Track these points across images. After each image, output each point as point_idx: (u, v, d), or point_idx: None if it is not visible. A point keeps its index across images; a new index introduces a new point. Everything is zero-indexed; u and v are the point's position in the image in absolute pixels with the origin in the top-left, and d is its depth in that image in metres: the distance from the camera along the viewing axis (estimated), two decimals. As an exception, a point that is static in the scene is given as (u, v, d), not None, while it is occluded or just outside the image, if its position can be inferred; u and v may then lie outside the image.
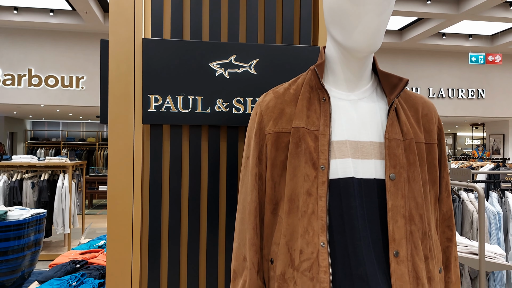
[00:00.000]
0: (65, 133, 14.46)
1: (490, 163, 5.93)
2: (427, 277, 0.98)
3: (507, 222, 3.52)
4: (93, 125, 14.75)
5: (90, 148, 13.06)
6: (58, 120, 14.48)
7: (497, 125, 12.04)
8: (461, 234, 3.37)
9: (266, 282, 1.05)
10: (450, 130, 17.52)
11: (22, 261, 4.08)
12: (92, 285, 1.72)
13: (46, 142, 13.21)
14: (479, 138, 15.51)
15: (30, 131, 14.27)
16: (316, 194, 0.95)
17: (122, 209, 1.52)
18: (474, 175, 4.27)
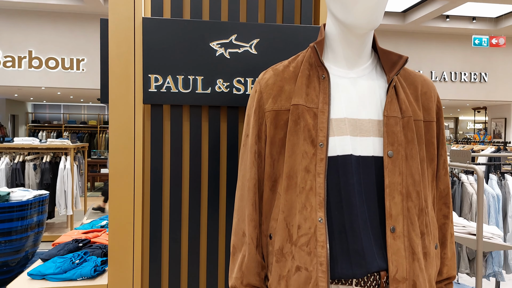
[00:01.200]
0: (66, 116, 14.45)
1: (491, 147, 5.93)
2: (423, 252, 0.99)
3: (506, 205, 3.54)
4: (94, 108, 14.74)
5: (91, 131, 13.07)
6: (59, 103, 14.47)
7: (499, 109, 11.99)
8: (460, 216, 3.39)
9: (264, 257, 1.07)
10: (452, 114, 17.46)
11: (26, 241, 4.13)
12: (95, 263, 1.74)
13: (48, 125, 13.21)
14: (481, 122, 15.47)
15: (31, 113, 14.27)
16: (314, 171, 0.96)
17: (123, 188, 1.53)
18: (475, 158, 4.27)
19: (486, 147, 5.75)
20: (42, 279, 1.70)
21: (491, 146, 6.17)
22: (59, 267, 1.71)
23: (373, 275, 0.96)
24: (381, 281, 0.96)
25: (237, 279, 1.04)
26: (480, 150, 5.79)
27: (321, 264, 0.93)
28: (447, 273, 1.08)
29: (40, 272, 1.69)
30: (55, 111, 14.60)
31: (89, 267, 1.71)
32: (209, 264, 1.56)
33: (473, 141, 7.84)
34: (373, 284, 0.96)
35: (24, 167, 5.85)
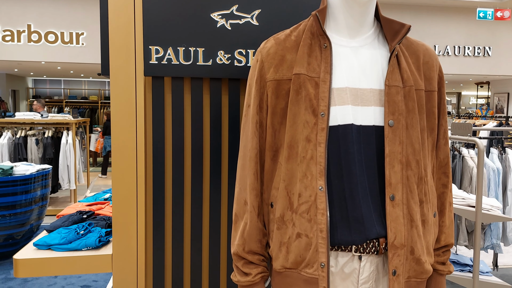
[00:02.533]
0: (67, 91, 14.40)
1: (493, 121, 5.92)
2: (421, 220, 1.01)
3: (506, 178, 3.56)
4: (95, 83, 14.66)
5: (92, 107, 13.04)
6: (60, 78, 14.39)
7: (502, 84, 11.90)
8: (460, 189, 3.41)
9: (266, 225, 1.09)
10: (454, 89, 17.33)
11: (30, 215, 4.20)
12: (99, 234, 1.77)
13: (49, 100, 13.18)
14: (484, 97, 15.37)
15: (32, 89, 14.22)
16: (315, 140, 0.97)
17: (126, 161, 1.54)
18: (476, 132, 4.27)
19: (488, 122, 5.73)
20: (48, 249, 1.73)
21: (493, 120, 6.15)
22: (64, 238, 1.74)
23: (372, 241, 0.98)
24: (380, 247, 0.98)
25: (239, 246, 1.06)
26: (482, 124, 5.78)
27: (321, 230, 0.95)
28: (445, 241, 1.10)
29: (46, 242, 1.72)
30: (56, 86, 14.53)
31: (94, 237, 1.74)
32: (212, 233, 1.59)
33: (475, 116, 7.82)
34: (372, 250, 0.98)
35: (26, 142, 5.87)
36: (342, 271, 0.99)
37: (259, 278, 1.05)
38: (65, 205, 6.14)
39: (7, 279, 3.68)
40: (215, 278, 1.61)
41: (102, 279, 3.71)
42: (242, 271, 1.06)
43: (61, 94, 14.29)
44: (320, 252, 0.96)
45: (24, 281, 3.63)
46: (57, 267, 1.67)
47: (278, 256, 1.03)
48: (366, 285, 0.99)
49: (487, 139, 3.73)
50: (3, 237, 4.03)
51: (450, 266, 1.11)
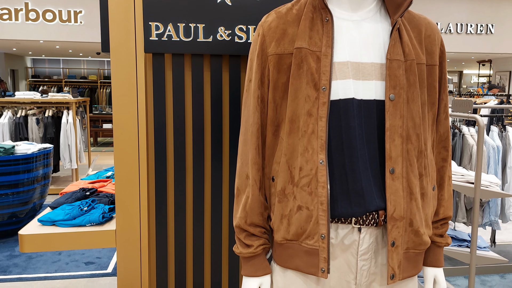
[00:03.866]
0: (66, 71, 14.32)
1: (494, 100, 5.90)
2: (421, 193, 1.03)
3: (506, 156, 3.58)
4: (94, 62, 14.56)
5: (92, 86, 12.99)
6: (59, 58, 14.29)
7: (504, 62, 11.81)
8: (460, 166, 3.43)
9: (267, 199, 1.11)
10: (456, 68, 17.22)
11: (33, 193, 4.23)
12: (103, 210, 1.80)
13: (48, 80, 13.12)
14: (485, 76, 15.27)
15: (30, 68, 14.13)
16: (316, 114, 0.98)
17: (128, 138, 1.55)
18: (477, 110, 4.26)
19: (489, 100, 5.72)
20: (52, 225, 1.76)
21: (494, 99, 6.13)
22: (68, 214, 1.76)
23: (372, 214, 0.99)
24: (379, 219, 1.00)
25: (241, 218, 1.08)
26: (483, 103, 5.76)
27: (322, 203, 0.97)
28: (443, 214, 1.12)
29: (50, 218, 1.75)
30: (55, 66, 14.44)
31: (97, 213, 1.77)
32: (214, 207, 1.61)
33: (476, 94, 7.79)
34: (372, 223, 1.00)
35: (27, 122, 5.88)
36: (342, 242, 1.01)
37: (261, 250, 1.08)
38: (67, 184, 6.19)
39: (12, 256, 3.74)
40: (217, 251, 1.64)
41: (105, 256, 3.77)
42: (244, 243, 1.08)
43: (60, 73, 14.21)
44: (321, 224, 0.97)
45: (28, 258, 3.69)
46: (62, 242, 1.70)
47: (279, 228, 1.05)
48: (365, 256, 1.02)
49: (488, 117, 3.73)
50: (6, 215, 4.08)
51: (448, 238, 1.13)
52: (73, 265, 3.56)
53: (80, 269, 3.49)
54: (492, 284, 3.37)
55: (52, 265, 3.54)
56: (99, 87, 12.89)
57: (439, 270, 1.12)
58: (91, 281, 3.29)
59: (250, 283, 1.08)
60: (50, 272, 3.42)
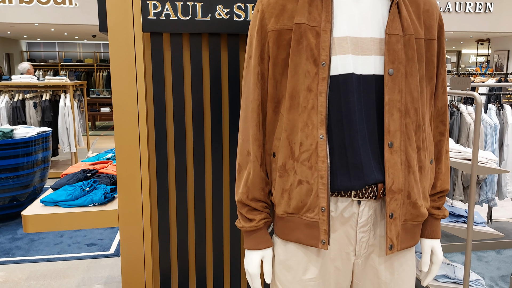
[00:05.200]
0: (61, 54, 14.18)
1: (492, 79, 5.90)
2: (419, 166, 1.05)
3: (503, 134, 3.60)
4: (90, 45, 14.41)
5: (88, 70, 12.89)
6: (54, 41, 14.13)
7: (503, 41, 11.74)
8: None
9: (268, 174, 1.12)
10: (454, 47, 17.12)
11: (33, 177, 4.25)
12: (104, 190, 1.82)
13: (44, 64, 13.01)
14: (484, 55, 15.21)
15: (26, 52, 13.98)
16: (316, 90, 0.98)
17: (128, 118, 1.56)
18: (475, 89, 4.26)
19: (487, 79, 5.72)
20: (55, 205, 1.78)
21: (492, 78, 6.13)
22: (70, 194, 1.78)
23: (371, 187, 1.01)
24: (378, 192, 1.02)
25: (243, 194, 1.10)
26: (481, 82, 5.76)
27: (322, 177, 0.99)
28: (441, 187, 1.14)
29: (52, 199, 1.77)
30: (50, 49, 14.29)
31: (99, 194, 1.78)
32: (214, 184, 1.63)
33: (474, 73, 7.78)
34: (371, 195, 1.02)
35: (24, 106, 5.86)
36: (342, 215, 1.04)
37: (263, 224, 1.10)
38: (67, 168, 6.20)
39: (14, 239, 3.78)
40: (219, 228, 1.66)
41: (107, 238, 3.82)
42: (246, 217, 1.10)
43: (56, 57, 14.07)
44: (321, 197, 0.99)
45: (30, 240, 3.73)
46: (65, 222, 1.72)
47: (280, 202, 1.07)
48: (364, 228, 1.04)
49: (486, 95, 3.74)
50: (7, 199, 4.10)
51: (445, 210, 1.15)
52: (75, 247, 3.60)
53: (82, 251, 3.53)
54: (489, 260, 3.43)
55: (54, 247, 3.58)
56: (96, 70, 12.80)
57: (436, 242, 1.15)
58: (93, 262, 3.33)
59: (253, 256, 1.10)
60: (52, 253, 3.46)
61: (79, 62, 13.29)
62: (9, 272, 3.13)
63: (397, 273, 1.08)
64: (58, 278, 3.05)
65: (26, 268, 3.21)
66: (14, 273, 3.12)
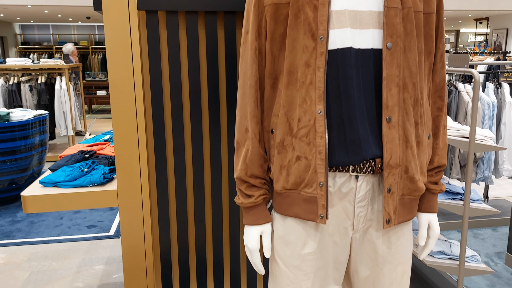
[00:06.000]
0: (56, 37, 14.01)
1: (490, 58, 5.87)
2: (416, 141, 1.05)
3: (501, 112, 3.60)
4: (84, 27, 14.23)
5: (83, 52, 12.77)
6: (48, 23, 13.94)
7: (502, 19, 11.65)
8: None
9: (267, 151, 1.13)
10: (453, 27, 16.99)
11: (31, 160, 4.25)
12: (103, 171, 1.82)
13: (38, 47, 12.87)
14: (482, 34, 15.10)
15: (20, 35, 13.81)
16: (314, 65, 0.98)
17: (124, 98, 1.55)
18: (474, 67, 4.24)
19: (485, 58, 5.69)
20: (54, 186, 1.78)
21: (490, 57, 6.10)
22: (69, 175, 1.78)
23: (369, 162, 1.02)
24: (376, 167, 1.02)
25: (242, 170, 1.10)
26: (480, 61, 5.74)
27: (320, 153, 0.99)
28: (438, 162, 1.14)
29: (51, 180, 1.77)
30: (44, 32, 14.11)
31: (98, 174, 1.79)
32: (213, 162, 1.64)
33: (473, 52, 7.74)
34: (369, 170, 1.02)
35: (20, 89, 5.81)
36: (340, 190, 1.04)
37: (261, 200, 1.11)
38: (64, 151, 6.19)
39: (14, 222, 3.80)
40: (218, 205, 1.67)
41: (107, 219, 3.84)
42: (245, 193, 1.11)
43: (50, 40, 13.91)
44: (319, 172, 1.00)
45: (30, 223, 3.75)
46: (65, 202, 1.73)
47: (279, 178, 1.07)
48: (362, 203, 1.05)
49: (484, 73, 3.73)
50: (6, 182, 4.11)
51: (442, 185, 1.16)
52: (76, 229, 3.63)
53: (83, 232, 3.55)
54: (484, 237, 3.48)
55: (54, 229, 3.61)
56: (91, 53, 12.68)
57: (433, 216, 1.16)
58: (94, 243, 3.36)
59: (252, 231, 1.11)
60: (52, 235, 3.49)
61: (74, 44, 13.15)
62: (10, 253, 3.16)
63: (394, 246, 1.10)
64: (59, 259, 3.08)
65: (27, 249, 3.24)
66: (15, 254, 3.15)
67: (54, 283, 2.74)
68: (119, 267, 2.94)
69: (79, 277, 2.82)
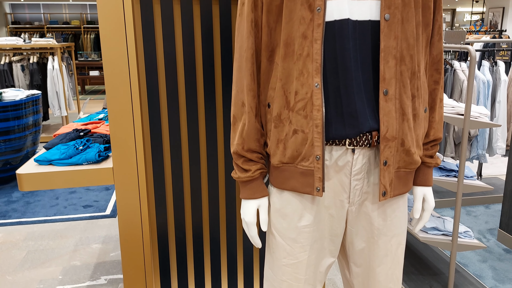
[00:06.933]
0: (47, 16, 13.75)
1: (486, 36, 5.85)
2: (413, 114, 1.05)
3: (496, 91, 3.61)
4: (76, 6, 13.97)
5: (75, 32, 12.57)
6: (38, 2, 13.66)
7: (498, -2, 11.56)
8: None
9: (263, 126, 1.12)
10: (449, 5, 16.85)
11: (25, 141, 4.23)
12: (98, 149, 1.81)
13: (29, 26, 12.64)
14: (478, 13, 15.00)
15: (10, 14, 13.55)
16: (311, 36, 0.97)
17: (119, 76, 1.53)
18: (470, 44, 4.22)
19: (481, 36, 5.67)
20: (49, 164, 1.77)
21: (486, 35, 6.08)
22: (64, 153, 1.77)
23: (365, 135, 1.02)
24: (372, 140, 1.02)
25: (239, 145, 1.10)
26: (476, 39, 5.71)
27: (317, 126, 0.99)
28: (434, 135, 1.15)
29: (46, 158, 1.76)
30: (35, 11, 13.84)
31: (93, 152, 1.78)
32: (208, 137, 1.63)
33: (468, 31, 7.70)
34: (365, 143, 1.02)
35: (12, 69, 5.73)
36: (336, 164, 1.05)
37: (258, 174, 1.11)
38: (58, 132, 6.15)
39: (9, 202, 3.80)
40: (214, 180, 1.68)
41: (102, 199, 3.85)
42: (242, 168, 1.11)
43: (41, 19, 13.65)
44: (316, 146, 1.00)
45: (26, 203, 3.76)
46: (60, 180, 1.72)
47: (275, 152, 1.07)
48: (358, 176, 1.05)
49: (480, 51, 3.72)
50: (0, 162, 4.09)
51: (437, 159, 1.17)
52: (72, 209, 3.64)
53: (79, 212, 3.57)
54: (477, 214, 3.53)
55: (50, 209, 3.62)
56: (83, 32, 12.48)
57: (428, 189, 1.17)
58: (90, 222, 3.38)
59: (249, 205, 1.12)
60: (49, 215, 3.50)
61: (66, 24, 12.93)
62: (7, 233, 3.17)
63: (390, 219, 1.11)
64: (56, 238, 3.09)
65: (23, 229, 3.25)
66: (11, 234, 3.16)
67: (52, 261, 2.76)
68: (116, 245, 2.97)
69: (77, 255, 2.84)
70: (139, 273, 1.71)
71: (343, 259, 1.24)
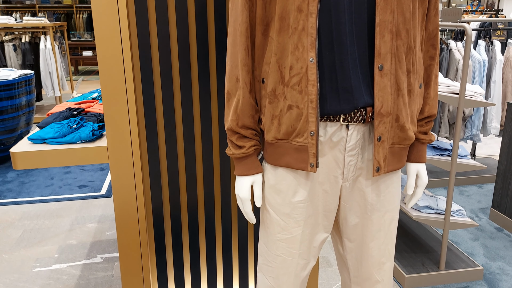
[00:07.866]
0: (38, -5, 13.48)
1: (483, 16, 5.81)
2: (408, 89, 1.05)
3: (491, 70, 3.60)
4: (68, -15, 13.69)
5: (68, 12, 12.35)
6: (29, -20, 13.37)
7: (496, -22, 11.45)
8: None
9: (258, 102, 1.12)
10: (446, -15, 16.67)
11: (18, 121, 4.20)
12: (92, 127, 1.80)
13: (21, 5, 12.41)
14: (475, -7, 14.86)
15: (0, -7, 13.27)
16: (307, 10, 0.95)
17: (111, 54, 1.51)
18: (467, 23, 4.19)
19: (478, 16, 5.64)
20: (43, 143, 1.76)
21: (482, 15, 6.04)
22: (58, 132, 1.76)
23: (360, 110, 1.02)
24: (367, 116, 1.02)
25: (233, 121, 1.09)
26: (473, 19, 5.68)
27: (312, 101, 0.98)
28: (428, 112, 1.15)
29: (40, 136, 1.75)
30: (26, -10, 13.55)
31: (87, 131, 1.77)
32: (203, 113, 1.63)
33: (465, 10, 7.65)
34: (359, 119, 1.02)
35: (3, 49, 5.65)
36: (331, 140, 1.05)
37: (253, 150, 1.11)
38: (52, 112, 6.10)
39: (4, 182, 3.79)
40: (209, 159, 1.68)
41: (98, 179, 3.85)
42: (236, 144, 1.11)
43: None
44: (310, 121, 1.00)
45: (21, 183, 3.75)
46: (55, 158, 1.72)
47: (270, 128, 1.07)
48: (352, 152, 1.06)
49: (476, 31, 3.70)
50: (-6, 143, 4.07)
51: (431, 135, 1.17)
52: (67, 189, 3.64)
53: (74, 192, 3.57)
54: (470, 194, 3.57)
55: (45, 189, 3.62)
56: (75, 12, 12.28)
57: (422, 166, 1.18)
58: (86, 202, 3.39)
59: (243, 181, 1.12)
60: (44, 195, 3.50)
61: (58, 3, 12.70)
62: (2, 213, 3.18)
63: (383, 194, 1.12)
64: (52, 217, 3.10)
65: (18, 209, 3.25)
66: (7, 213, 3.16)
67: (48, 240, 2.77)
68: (111, 225, 2.98)
69: (72, 234, 2.85)
70: (135, 252, 1.73)
71: (337, 235, 1.26)
